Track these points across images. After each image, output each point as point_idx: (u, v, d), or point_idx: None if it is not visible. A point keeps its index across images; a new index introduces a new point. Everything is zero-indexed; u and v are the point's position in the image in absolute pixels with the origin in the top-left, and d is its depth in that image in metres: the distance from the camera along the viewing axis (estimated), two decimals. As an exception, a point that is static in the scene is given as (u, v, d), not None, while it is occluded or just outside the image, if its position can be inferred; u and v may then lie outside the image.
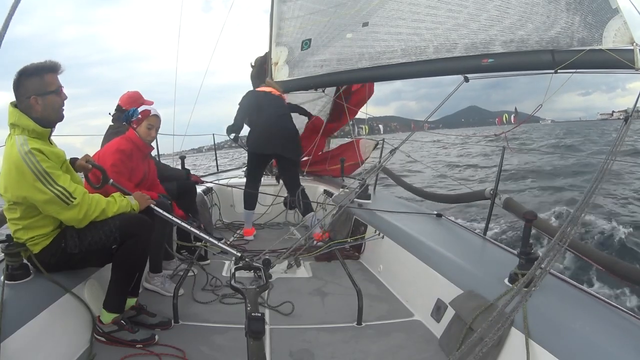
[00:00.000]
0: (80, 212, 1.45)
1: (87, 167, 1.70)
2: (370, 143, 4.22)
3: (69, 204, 1.41)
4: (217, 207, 3.76)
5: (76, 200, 1.42)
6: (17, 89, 1.41)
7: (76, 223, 1.48)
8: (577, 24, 1.82)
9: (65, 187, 1.40)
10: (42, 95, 1.42)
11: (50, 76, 1.44)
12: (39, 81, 1.42)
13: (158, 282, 2.12)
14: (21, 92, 1.41)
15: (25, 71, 1.40)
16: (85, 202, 1.46)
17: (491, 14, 2.08)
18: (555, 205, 6.93)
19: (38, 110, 1.43)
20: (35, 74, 1.42)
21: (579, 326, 1.18)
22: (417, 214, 2.81)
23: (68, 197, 1.40)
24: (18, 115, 1.40)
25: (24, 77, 1.40)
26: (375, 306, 1.99)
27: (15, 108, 1.42)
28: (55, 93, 1.45)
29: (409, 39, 2.40)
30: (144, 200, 1.70)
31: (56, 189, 1.38)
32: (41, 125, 1.43)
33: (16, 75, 1.41)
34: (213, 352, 1.57)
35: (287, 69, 3.48)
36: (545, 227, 2.03)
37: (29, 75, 1.41)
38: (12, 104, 1.43)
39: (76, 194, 1.43)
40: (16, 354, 1.21)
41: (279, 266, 2.41)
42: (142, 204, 1.68)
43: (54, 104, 1.46)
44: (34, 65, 1.42)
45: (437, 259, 1.90)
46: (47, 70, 1.43)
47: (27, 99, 1.41)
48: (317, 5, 3.34)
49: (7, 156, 1.39)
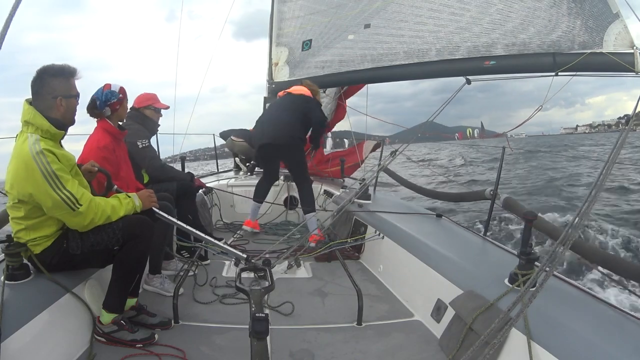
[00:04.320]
0: (86, 219, 1.44)
1: (92, 170, 1.69)
2: (369, 143, 4.24)
3: (74, 210, 1.40)
4: (218, 207, 3.75)
5: (82, 208, 1.41)
6: (41, 87, 1.41)
7: (80, 228, 1.48)
8: (578, 27, 1.84)
9: (72, 192, 1.39)
10: (67, 97, 1.44)
11: (73, 80, 1.47)
12: (65, 83, 1.44)
13: (157, 282, 2.11)
14: (46, 90, 1.41)
15: (49, 70, 1.41)
16: (92, 210, 1.44)
17: (493, 18, 2.10)
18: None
19: (61, 112, 1.44)
20: (61, 75, 1.43)
21: (579, 326, 1.19)
22: (417, 214, 2.82)
23: (75, 203, 1.39)
24: (33, 113, 1.39)
25: (47, 75, 1.40)
26: (375, 306, 1.99)
27: (31, 106, 1.41)
28: (76, 97, 1.49)
29: (411, 42, 2.41)
30: (148, 201, 1.69)
31: (64, 193, 1.37)
32: (56, 127, 1.43)
33: (37, 73, 1.40)
34: (213, 352, 1.57)
35: (287, 70, 3.49)
36: (545, 227, 2.04)
37: (54, 75, 1.42)
38: (27, 101, 1.42)
39: (82, 201, 1.41)
40: (16, 354, 1.21)
41: (279, 266, 2.41)
42: (146, 204, 1.67)
43: (73, 108, 1.49)
44: (56, 66, 1.43)
45: (437, 259, 1.90)
46: (71, 74, 1.45)
47: (54, 99, 1.41)
48: (318, 5, 3.34)
49: (18, 153, 1.37)
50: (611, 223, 5.71)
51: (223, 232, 3.49)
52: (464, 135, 26.21)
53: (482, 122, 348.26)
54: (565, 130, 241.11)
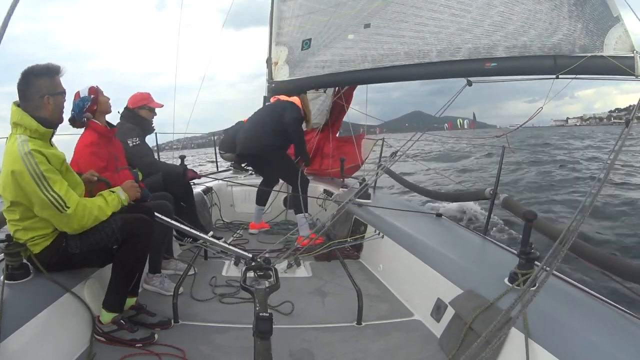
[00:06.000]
0: (73, 222, 1.43)
1: (92, 179, 1.69)
2: (370, 142, 4.25)
3: (62, 212, 1.39)
4: (217, 206, 3.74)
5: (69, 210, 1.40)
6: (27, 88, 1.41)
7: (70, 231, 1.47)
8: (579, 31, 1.85)
9: (60, 194, 1.38)
10: (53, 95, 1.45)
11: (58, 77, 1.47)
12: (50, 81, 1.44)
13: (157, 282, 2.11)
14: (32, 90, 1.41)
15: (33, 71, 1.41)
16: (78, 213, 1.43)
17: (494, 20, 2.10)
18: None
19: (49, 110, 1.44)
20: (46, 74, 1.43)
21: (579, 326, 1.20)
22: (417, 213, 2.83)
23: (62, 205, 1.39)
24: (21, 114, 1.40)
25: (32, 76, 1.41)
26: (375, 306, 2.00)
27: (18, 107, 1.41)
28: (62, 94, 1.49)
29: (412, 42, 2.42)
30: (133, 191, 1.67)
31: (51, 194, 1.37)
32: (44, 126, 1.42)
33: (22, 75, 1.41)
34: (213, 352, 1.56)
35: (287, 69, 3.48)
36: (545, 227, 2.05)
37: (38, 75, 1.42)
38: (15, 103, 1.43)
39: (70, 203, 1.40)
40: (16, 353, 1.20)
41: (278, 266, 2.41)
42: (131, 195, 1.66)
43: (61, 105, 1.50)
44: (40, 66, 1.43)
45: (437, 259, 1.91)
46: (56, 72, 1.46)
47: (40, 98, 1.42)
48: (317, 4, 3.34)
49: (8, 155, 1.38)
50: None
51: (223, 231, 3.48)
52: (453, 125, 26.05)
53: (474, 113, 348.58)
54: (556, 122, 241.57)
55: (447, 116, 3.69)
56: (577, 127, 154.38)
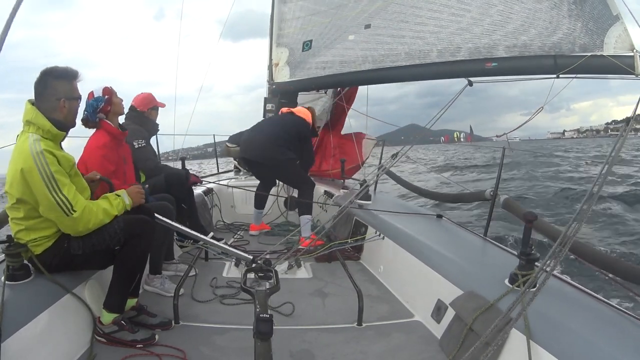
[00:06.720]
0: (79, 225, 1.44)
1: (94, 179, 1.70)
2: (370, 142, 4.24)
3: (68, 215, 1.40)
4: (218, 208, 3.75)
5: (76, 214, 1.41)
6: (44, 89, 1.43)
7: (73, 233, 1.47)
8: (578, 30, 1.85)
9: (68, 198, 1.39)
10: (70, 99, 1.47)
11: (75, 82, 1.50)
12: (68, 85, 1.47)
13: (157, 283, 2.11)
14: (50, 92, 1.44)
15: (52, 72, 1.44)
16: (85, 217, 1.44)
17: (494, 19, 2.10)
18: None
19: (63, 113, 1.46)
20: (65, 77, 1.46)
21: (579, 327, 1.19)
22: (418, 214, 2.83)
23: (69, 208, 1.40)
24: (35, 113, 1.41)
25: (51, 78, 1.43)
26: (375, 307, 1.99)
27: (33, 106, 1.43)
28: (78, 100, 1.52)
29: (412, 42, 2.41)
30: (138, 197, 1.67)
31: (59, 197, 1.37)
32: (58, 128, 1.44)
33: (41, 74, 1.43)
34: (213, 353, 1.57)
35: (288, 70, 3.49)
36: (545, 228, 2.05)
37: (57, 77, 1.44)
38: (30, 101, 1.44)
39: (77, 207, 1.41)
40: (17, 354, 1.20)
41: (279, 267, 2.41)
42: (136, 200, 1.66)
43: (75, 110, 1.52)
44: (60, 68, 1.46)
45: (438, 260, 1.91)
46: (74, 77, 1.49)
47: (57, 100, 1.44)
48: (318, 6, 3.34)
49: (18, 152, 1.39)
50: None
51: (223, 232, 3.49)
52: (450, 138, 26.11)
53: (471, 126, 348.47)
54: (552, 135, 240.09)
55: (444, 129, 3.68)
56: (574, 139, 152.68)
